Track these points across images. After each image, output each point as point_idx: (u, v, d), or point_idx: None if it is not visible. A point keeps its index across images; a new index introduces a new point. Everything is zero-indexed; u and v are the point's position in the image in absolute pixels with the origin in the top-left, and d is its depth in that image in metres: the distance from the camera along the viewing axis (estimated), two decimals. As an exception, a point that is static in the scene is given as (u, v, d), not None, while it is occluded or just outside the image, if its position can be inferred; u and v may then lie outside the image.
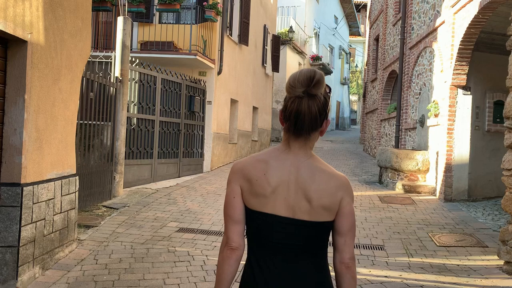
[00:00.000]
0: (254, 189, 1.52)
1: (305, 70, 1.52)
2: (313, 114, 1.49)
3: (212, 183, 9.25)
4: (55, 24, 4.20)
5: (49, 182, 4.23)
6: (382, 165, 9.70)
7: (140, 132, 8.51)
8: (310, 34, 23.57)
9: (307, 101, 1.48)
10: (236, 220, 1.55)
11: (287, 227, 1.50)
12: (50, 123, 4.23)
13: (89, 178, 6.52)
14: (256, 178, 1.52)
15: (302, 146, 1.55)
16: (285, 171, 1.52)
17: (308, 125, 1.51)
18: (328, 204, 1.50)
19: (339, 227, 1.53)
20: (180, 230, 5.82)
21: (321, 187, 1.51)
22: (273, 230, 1.51)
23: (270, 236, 1.52)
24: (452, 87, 7.98)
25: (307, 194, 1.49)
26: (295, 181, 1.51)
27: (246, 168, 1.56)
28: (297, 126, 1.51)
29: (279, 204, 1.50)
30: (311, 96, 1.48)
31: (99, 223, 5.87)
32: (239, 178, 1.55)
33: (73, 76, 4.66)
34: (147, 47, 10.21)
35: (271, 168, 1.52)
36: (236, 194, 1.55)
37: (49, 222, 4.25)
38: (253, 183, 1.52)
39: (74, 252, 4.73)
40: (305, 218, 1.50)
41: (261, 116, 16.02)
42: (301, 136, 1.54)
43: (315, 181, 1.51)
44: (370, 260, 4.94)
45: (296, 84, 1.49)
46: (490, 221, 6.64)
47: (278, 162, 1.54)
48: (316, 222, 1.50)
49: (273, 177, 1.51)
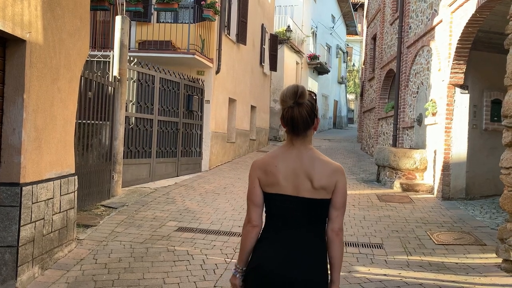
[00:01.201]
0: (269, 179, 1.99)
1: (291, 86, 1.97)
2: (304, 117, 1.94)
3: (210, 182, 9.26)
4: (53, 23, 4.20)
5: (48, 182, 4.22)
6: (380, 163, 9.72)
7: (138, 131, 8.50)
8: (307, 33, 23.58)
9: (297, 108, 1.93)
10: (256, 204, 2.03)
11: (294, 203, 1.96)
12: (49, 122, 4.23)
13: (87, 177, 6.52)
14: (270, 170, 2.00)
15: (302, 142, 2.00)
16: (291, 162, 1.98)
17: (302, 126, 1.96)
18: (326, 184, 1.96)
19: (335, 203, 1.99)
20: (179, 229, 5.82)
21: (320, 172, 1.96)
22: (283, 206, 1.98)
23: (282, 210, 1.99)
24: (450, 86, 8.00)
25: (309, 178, 1.95)
26: (299, 168, 1.96)
27: (262, 165, 2.03)
28: (294, 128, 1.97)
29: (288, 186, 1.97)
30: (299, 104, 1.93)
31: (98, 223, 5.86)
32: (258, 173, 2.02)
33: (71, 76, 4.66)
34: (145, 46, 10.19)
35: (280, 161, 2.00)
36: (256, 185, 2.03)
37: (48, 221, 4.25)
38: (268, 174, 2.00)
39: (73, 251, 4.72)
40: (308, 196, 1.96)
41: (259, 115, 16.03)
42: (299, 135, 1.99)
43: (315, 167, 1.96)
44: (369, 259, 4.96)
45: (286, 98, 1.95)
46: (488, 219, 6.66)
47: (285, 156, 2.01)
48: (316, 199, 1.96)
49: (282, 167, 1.98)
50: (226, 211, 6.91)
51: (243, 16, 12.75)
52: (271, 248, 1.96)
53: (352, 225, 6.30)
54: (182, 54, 9.86)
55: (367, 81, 17.29)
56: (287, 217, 1.98)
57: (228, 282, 4.08)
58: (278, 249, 1.95)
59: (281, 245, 1.95)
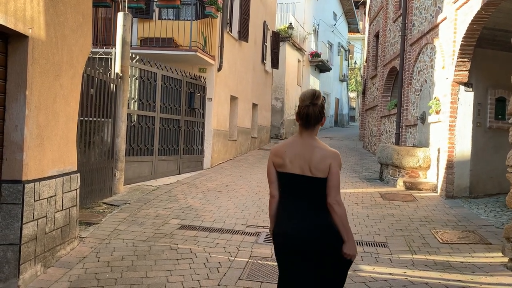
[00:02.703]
0: (279, 161, 2.59)
1: (310, 90, 2.60)
2: (316, 114, 2.54)
3: (212, 180, 9.21)
4: (56, 19, 4.15)
5: (51, 179, 4.18)
6: (383, 162, 9.67)
7: (140, 129, 8.46)
8: (309, 31, 23.50)
9: (312, 107, 2.53)
10: (272, 181, 2.66)
11: (299, 180, 2.54)
12: (52, 119, 4.19)
13: (89, 175, 6.48)
14: (280, 155, 2.60)
15: (309, 134, 2.59)
16: (296, 149, 2.57)
17: (313, 121, 2.56)
18: (321, 167, 2.51)
19: (329, 181, 2.51)
20: (182, 227, 5.78)
21: (316, 157, 2.52)
22: (290, 182, 2.58)
23: (292, 186, 2.58)
24: (454, 84, 7.95)
25: (309, 161, 2.51)
26: (301, 154, 2.54)
27: (276, 151, 2.65)
28: (307, 122, 2.57)
29: (295, 167, 2.54)
30: (314, 105, 2.54)
31: (100, 220, 5.83)
32: (272, 157, 2.65)
33: (74, 72, 4.61)
34: (147, 43, 10.15)
35: (288, 148, 2.60)
36: (271, 166, 2.65)
37: (51, 219, 4.21)
38: (279, 157, 2.60)
39: (75, 249, 4.68)
40: (309, 175, 2.52)
41: (261, 113, 15.98)
42: (309, 128, 2.58)
43: (313, 153, 2.53)
44: (374, 258, 4.91)
45: (305, 98, 2.56)
46: (493, 218, 6.62)
47: (293, 144, 2.61)
48: (314, 177, 2.51)
49: (289, 153, 2.57)
50: (228, 209, 6.87)
51: (245, 13, 12.69)
52: (283, 215, 2.59)
53: (355, 224, 6.25)
54: (184, 51, 9.81)
55: (370, 79, 17.22)
56: (294, 191, 2.57)
57: (232, 281, 4.07)
58: (288, 215, 2.56)
59: (290, 212, 2.56)
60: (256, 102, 15.20)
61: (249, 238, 5.43)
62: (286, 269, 2.59)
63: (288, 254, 2.55)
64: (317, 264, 2.53)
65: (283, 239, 2.55)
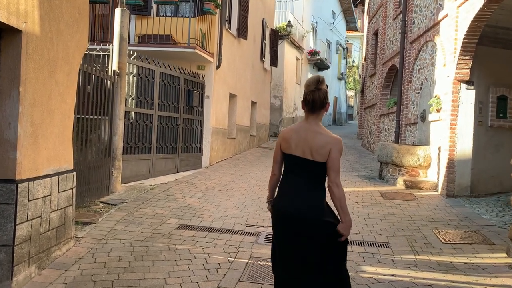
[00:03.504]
0: (286, 144, 2.83)
1: (315, 76, 2.78)
2: (321, 99, 2.75)
3: (211, 179, 9.11)
4: (51, 13, 4.04)
5: (46, 178, 4.07)
6: (383, 160, 9.59)
7: (138, 126, 8.35)
8: (307, 29, 23.39)
9: (317, 92, 2.74)
10: (276, 161, 2.94)
11: (301, 162, 2.76)
12: (47, 117, 4.08)
13: (86, 173, 6.37)
14: (287, 138, 2.83)
15: (314, 119, 2.80)
16: (301, 133, 2.78)
17: (318, 106, 2.76)
18: (322, 151, 2.71)
19: (329, 165, 2.72)
20: (180, 227, 5.68)
21: (317, 142, 2.72)
22: (293, 162, 2.81)
23: (292, 166, 2.82)
24: (455, 82, 7.86)
25: (310, 146, 2.73)
26: (304, 138, 2.75)
27: (284, 134, 2.88)
28: (313, 107, 2.77)
29: (298, 150, 2.76)
30: (319, 90, 2.74)
31: (97, 220, 5.72)
32: (280, 140, 2.88)
33: (70, 69, 4.50)
34: (145, 40, 10.03)
35: (294, 133, 2.82)
36: (278, 148, 2.90)
37: (46, 219, 4.10)
38: (286, 140, 2.84)
39: (71, 250, 4.58)
40: (310, 158, 2.74)
41: (260, 111, 15.88)
42: (314, 112, 2.78)
43: (315, 139, 2.73)
44: (376, 258, 4.82)
45: (310, 84, 2.76)
46: (495, 217, 6.54)
47: (298, 129, 2.82)
48: (315, 161, 2.73)
49: (294, 137, 2.80)
50: (227, 208, 6.77)
51: (244, 10, 12.58)
52: (283, 192, 2.83)
53: (356, 223, 6.17)
54: (183, 48, 9.70)
55: (369, 77, 17.13)
56: (294, 171, 2.79)
57: (232, 283, 3.97)
58: (287, 192, 2.80)
59: (289, 190, 2.79)
60: (255, 100, 15.10)
61: (248, 238, 5.34)
62: (280, 241, 2.84)
63: (282, 224, 2.80)
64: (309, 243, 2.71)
65: (279, 211, 2.82)
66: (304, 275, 2.72)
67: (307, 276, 2.72)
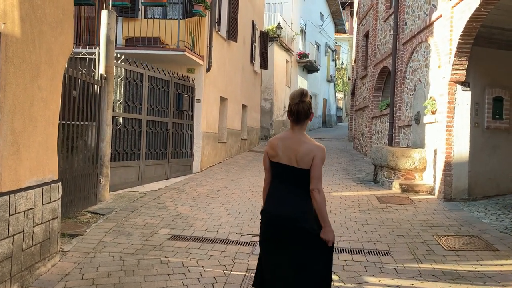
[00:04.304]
0: (273, 152, 2.94)
1: (299, 89, 2.93)
2: (305, 110, 2.87)
3: (203, 185, 8.86)
4: (32, 14, 3.78)
5: (28, 190, 3.81)
6: (378, 163, 9.43)
7: (126, 132, 8.07)
8: (296, 31, 23.26)
9: (301, 104, 2.87)
10: (266, 168, 3.02)
11: (287, 170, 2.88)
12: (29, 124, 3.81)
13: (72, 182, 6.09)
14: (274, 147, 2.94)
15: (299, 129, 2.92)
16: (287, 142, 2.90)
17: (303, 117, 2.89)
18: (306, 159, 2.83)
19: (311, 172, 2.83)
20: (172, 237, 5.42)
21: (302, 151, 2.84)
22: (279, 170, 2.93)
23: (279, 174, 2.93)
24: (451, 83, 7.73)
25: (296, 154, 2.85)
26: (290, 147, 2.87)
27: (271, 143, 2.98)
28: (297, 118, 2.89)
29: (284, 158, 2.89)
30: (303, 102, 2.87)
31: (85, 231, 5.44)
32: (268, 148, 2.98)
33: (54, 73, 4.24)
34: (133, 43, 9.75)
35: (281, 141, 2.93)
36: (266, 156, 3.00)
37: (29, 234, 3.83)
38: (273, 149, 2.94)
39: (57, 266, 4.30)
40: (295, 165, 2.85)
41: (250, 114, 15.66)
42: (299, 123, 2.91)
43: (300, 147, 2.85)
44: (378, 268, 4.63)
45: (295, 97, 2.90)
46: (495, 221, 6.40)
47: (285, 138, 2.94)
48: (300, 168, 2.84)
49: (280, 145, 2.91)
50: (221, 216, 6.53)
51: (233, 12, 12.37)
52: (271, 198, 2.96)
53: (355, 230, 5.98)
54: (172, 51, 9.45)
55: (359, 79, 17.01)
56: (281, 178, 2.93)
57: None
58: (274, 198, 2.93)
59: (277, 196, 2.93)
60: (246, 103, 14.88)
61: (244, 249, 5.10)
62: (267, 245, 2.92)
63: (270, 227, 2.89)
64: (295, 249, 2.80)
65: (269, 213, 2.91)
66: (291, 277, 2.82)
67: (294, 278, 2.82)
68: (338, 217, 6.62)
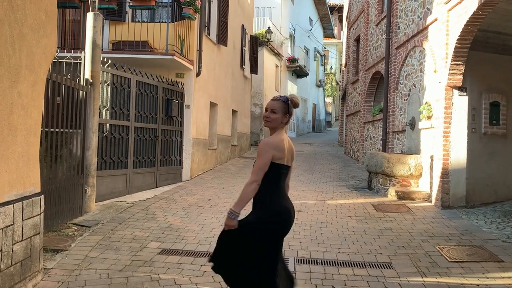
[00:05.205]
0: (281, 154, 3.05)
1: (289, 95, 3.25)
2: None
3: (193, 194, 8.57)
4: (11, 15, 3.49)
5: (7, 206, 3.50)
6: (372, 170, 9.23)
7: (113, 139, 7.76)
8: (286, 36, 23.12)
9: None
10: (265, 171, 3.00)
11: (287, 170, 3.17)
12: (8, 134, 3.51)
13: (56, 193, 5.77)
14: (282, 150, 3.06)
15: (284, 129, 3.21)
16: (287, 144, 3.13)
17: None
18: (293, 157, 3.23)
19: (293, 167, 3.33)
20: (162, 251, 5.13)
21: (293, 150, 3.22)
22: (284, 172, 3.14)
23: (284, 175, 3.15)
24: (447, 88, 7.57)
25: (292, 154, 3.19)
26: (289, 148, 3.15)
27: (277, 146, 3.05)
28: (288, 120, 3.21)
29: (288, 160, 3.13)
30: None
31: (69, 246, 5.12)
32: (273, 151, 3.02)
33: (35, 78, 3.94)
34: (120, 47, 9.45)
35: (285, 144, 3.10)
36: (269, 158, 3.00)
37: (7, 253, 3.52)
38: (280, 151, 3.05)
39: (39, 286, 3.99)
40: (290, 165, 3.19)
41: (240, 120, 15.41)
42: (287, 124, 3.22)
43: (292, 147, 3.20)
44: (381, 282, 4.39)
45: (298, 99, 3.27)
46: (495, 230, 6.22)
47: (285, 140, 3.12)
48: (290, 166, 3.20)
49: (286, 148, 3.10)
50: (213, 227, 6.25)
51: (223, 16, 12.13)
52: (282, 199, 3.10)
53: (353, 241, 5.74)
54: (160, 55, 9.17)
55: (351, 84, 16.89)
56: (284, 178, 3.14)
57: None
58: (284, 198, 3.13)
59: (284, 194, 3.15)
60: (236, 109, 14.63)
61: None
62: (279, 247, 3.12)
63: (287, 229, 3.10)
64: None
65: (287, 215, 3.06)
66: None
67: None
68: (335, 227, 6.39)
